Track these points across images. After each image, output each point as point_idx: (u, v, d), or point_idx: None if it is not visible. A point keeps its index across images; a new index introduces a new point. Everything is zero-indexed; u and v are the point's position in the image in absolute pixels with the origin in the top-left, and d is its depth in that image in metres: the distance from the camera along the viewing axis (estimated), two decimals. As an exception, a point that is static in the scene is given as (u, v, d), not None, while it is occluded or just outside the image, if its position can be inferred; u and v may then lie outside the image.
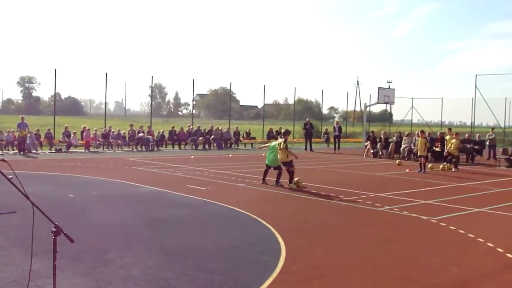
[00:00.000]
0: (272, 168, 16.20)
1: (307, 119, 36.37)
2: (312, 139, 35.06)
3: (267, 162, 16.38)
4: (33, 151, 26.37)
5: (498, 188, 16.70)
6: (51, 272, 6.46)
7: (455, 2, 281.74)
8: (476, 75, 41.80)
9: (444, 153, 23.90)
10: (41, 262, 6.91)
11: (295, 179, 15.63)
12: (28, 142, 26.50)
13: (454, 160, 22.90)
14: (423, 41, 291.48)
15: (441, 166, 22.52)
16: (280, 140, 16.41)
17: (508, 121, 44.55)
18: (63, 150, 28.02)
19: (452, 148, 22.97)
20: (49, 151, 27.77)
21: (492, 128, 32.22)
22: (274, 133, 37.36)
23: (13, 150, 27.06)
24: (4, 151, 26.37)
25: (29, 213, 4.24)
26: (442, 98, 46.24)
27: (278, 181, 15.88)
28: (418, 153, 21.42)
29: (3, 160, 4.22)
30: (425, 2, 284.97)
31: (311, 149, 33.45)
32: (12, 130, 28.32)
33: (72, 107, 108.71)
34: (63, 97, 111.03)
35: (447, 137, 24.71)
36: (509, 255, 8.27)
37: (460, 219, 11.22)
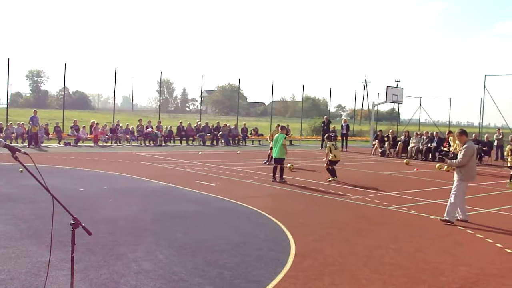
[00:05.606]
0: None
1: (325, 116, 36.62)
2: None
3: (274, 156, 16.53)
4: (42, 145, 26.57)
5: (506, 189, 16.67)
6: (64, 264, 6.63)
7: (463, 1, 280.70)
8: (485, 75, 41.41)
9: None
10: (54, 253, 6.99)
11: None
12: (39, 135, 26.66)
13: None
14: (432, 40, 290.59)
15: (446, 166, 22.26)
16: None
17: (517, 122, 44.02)
18: (71, 144, 28.18)
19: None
20: (58, 145, 27.92)
21: (499, 129, 32.09)
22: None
23: (23, 143, 27.19)
24: (14, 144, 26.46)
25: (40, 205, 4.29)
26: (450, 98, 46.08)
27: (281, 177, 16.05)
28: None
29: (24, 153, 4.26)
30: (433, 1, 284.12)
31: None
32: (21, 123, 28.48)
33: (79, 101, 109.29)
34: (71, 91, 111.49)
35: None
36: (517, 256, 8.31)
37: (468, 219, 11.22)
